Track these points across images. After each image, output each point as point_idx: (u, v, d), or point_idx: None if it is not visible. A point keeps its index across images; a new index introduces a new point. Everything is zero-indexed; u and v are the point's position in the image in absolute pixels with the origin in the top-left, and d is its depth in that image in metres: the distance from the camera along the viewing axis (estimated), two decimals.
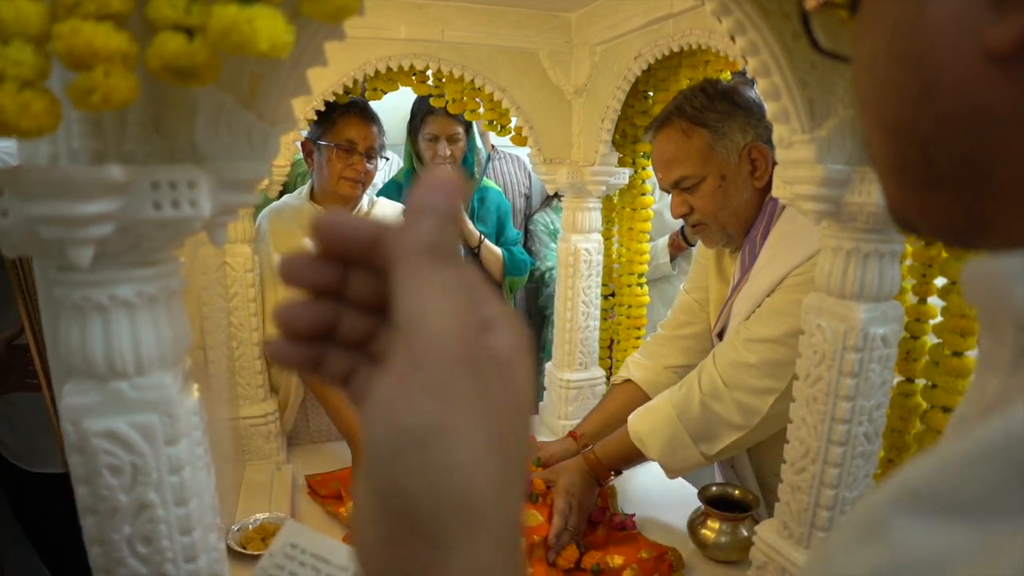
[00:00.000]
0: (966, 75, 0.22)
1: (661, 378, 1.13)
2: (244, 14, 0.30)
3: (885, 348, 0.68)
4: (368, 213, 1.36)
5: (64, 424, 0.43)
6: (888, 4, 0.24)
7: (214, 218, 0.42)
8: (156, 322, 0.43)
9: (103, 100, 0.30)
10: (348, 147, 1.23)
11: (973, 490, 0.18)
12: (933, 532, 0.19)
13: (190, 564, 0.46)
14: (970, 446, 0.19)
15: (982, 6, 0.21)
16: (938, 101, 0.23)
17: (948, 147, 0.23)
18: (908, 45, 0.23)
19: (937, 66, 0.22)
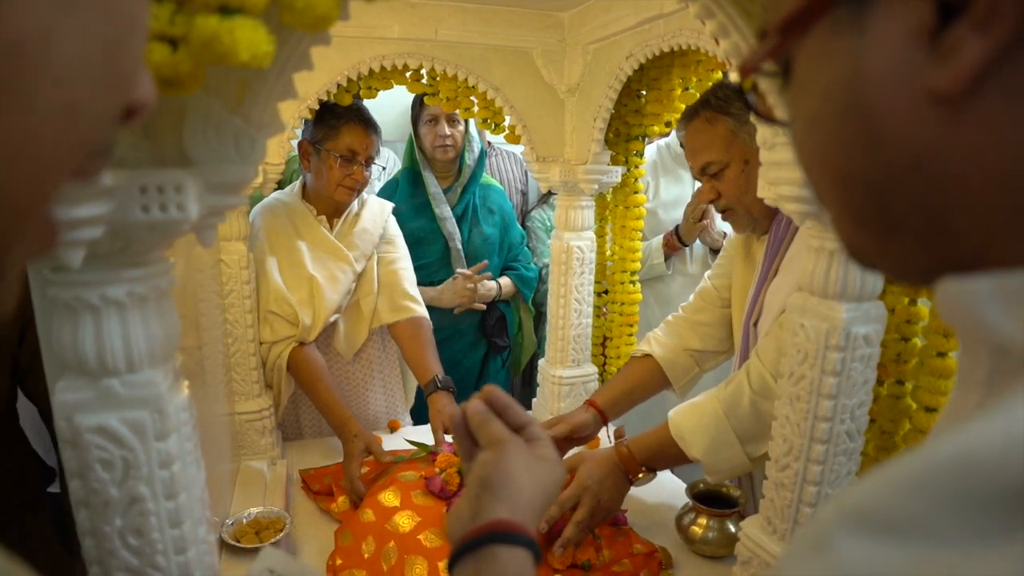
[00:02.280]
0: (911, 122, 0.22)
1: (680, 359, 1.14)
2: (225, 25, 0.31)
3: (867, 347, 0.69)
4: (359, 213, 1.36)
5: (57, 420, 0.44)
6: (822, 65, 0.24)
7: (202, 220, 0.43)
8: (146, 321, 0.44)
9: None
10: (350, 157, 1.23)
11: (908, 512, 0.19)
12: (872, 551, 0.19)
13: (180, 556, 0.47)
14: (911, 469, 0.20)
15: (920, 52, 0.21)
16: (886, 150, 0.23)
17: (901, 193, 0.24)
18: (849, 100, 0.24)
19: (881, 116, 0.23)
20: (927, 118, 0.22)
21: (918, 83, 0.22)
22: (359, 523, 0.92)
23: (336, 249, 1.31)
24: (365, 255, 1.34)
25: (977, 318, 0.22)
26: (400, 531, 0.88)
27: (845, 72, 0.24)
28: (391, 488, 0.96)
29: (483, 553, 0.41)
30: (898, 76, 0.22)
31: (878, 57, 0.22)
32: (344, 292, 1.31)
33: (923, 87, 0.21)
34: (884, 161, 0.24)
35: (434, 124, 1.61)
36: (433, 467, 1.02)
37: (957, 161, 0.22)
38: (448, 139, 1.61)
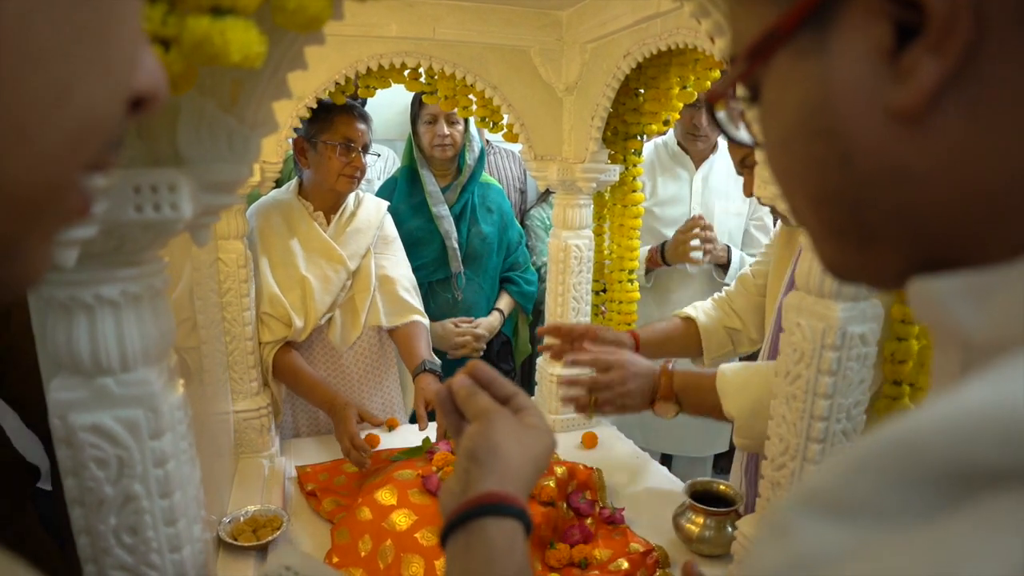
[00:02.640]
0: (879, 139, 0.23)
1: (718, 333, 1.17)
2: (216, 26, 0.31)
3: (864, 347, 0.69)
4: (354, 212, 1.38)
5: (52, 418, 0.44)
6: (789, 88, 0.25)
7: (196, 219, 0.44)
8: (140, 320, 0.44)
9: None
10: (347, 145, 1.26)
11: (857, 493, 0.20)
12: (826, 531, 0.20)
13: (175, 554, 0.47)
14: (858, 452, 0.20)
15: (882, 73, 0.22)
16: (857, 168, 0.24)
17: (876, 207, 0.25)
18: (820, 120, 0.24)
19: (851, 135, 0.24)
20: (892, 135, 0.23)
21: (881, 102, 0.22)
22: (356, 521, 0.92)
23: (330, 249, 1.32)
24: (359, 254, 1.35)
25: (947, 315, 0.23)
26: (397, 529, 0.88)
27: (812, 94, 0.24)
28: (388, 486, 0.96)
29: (473, 526, 0.42)
30: (862, 96, 0.23)
31: (842, 79, 0.23)
32: (337, 292, 1.32)
33: (886, 106, 0.22)
34: (856, 179, 0.24)
35: (433, 123, 1.61)
36: (430, 465, 1.02)
37: (925, 174, 0.23)
38: (447, 138, 1.61)
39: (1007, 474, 0.17)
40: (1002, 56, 0.20)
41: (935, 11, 0.20)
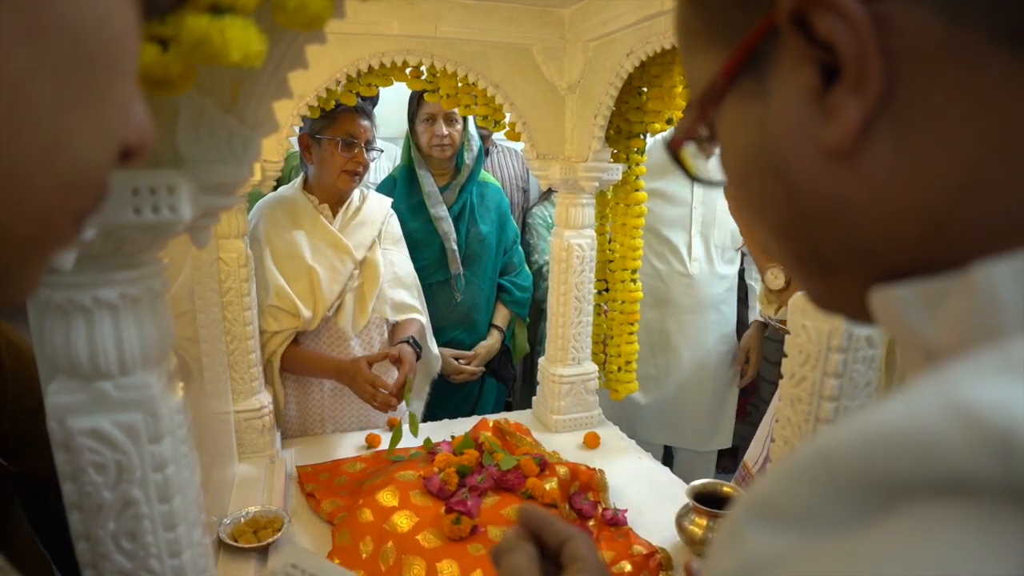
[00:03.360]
0: (816, 175, 0.24)
1: None
2: (215, 25, 0.31)
3: (870, 349, 0.68)
4: (360, 208, 1.40)
5: (50, 422, 0.44)
6: (738, 128, 0.27)
7: (196, 221, 0.43)
8: (139, 323, 0.44)
9: None
10: (350, 141, 1.29)
11: (794, 501, 0.20)
12: (771, 538, 0.20)
13: (174, 559, 0.47)
14: (795, 460, 0.21)
15: (812, 113, 0.24)
16: (802, 202, 0.25)
17: (827, 238, 0.26)
18: (765, 159, 0.26)
19: (792, 173, 0.25)
20: (828, 171, 0.24)
21: (814, 141, 0.24)
22: (357, 523, 0.92)
23: (336, 240, 1.34)
24: (364, 245, 1.38)
25: (904, 323, 0.24)
26: (398, 531, 0.88)
27: (757, 135, 0.26)
28: (389, 488, 0.96)
29: None
30: (799, 136, 0.25)
31: (780, 120, 0.25)
32: (344, 281, 1.35)
33: (818, 144, 0.24)
34: (803, 212, 0.26)
35: (431, 123, 1.59)
36: (432, 466, 1.02)
37: (864, 203, 0.24)
38: (445, 138, 1.59)
39: (919, 486, 0.18)
40: (925, 85, 0.21)
41: (846, 55, 0.22)
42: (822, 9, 0.22)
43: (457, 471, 0.98)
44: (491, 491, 0.98)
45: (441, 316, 1.65)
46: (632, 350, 1.40)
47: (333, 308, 1.34)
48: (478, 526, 0.88)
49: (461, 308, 1.69)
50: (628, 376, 1.41)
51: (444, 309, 1.66)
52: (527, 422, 1.35)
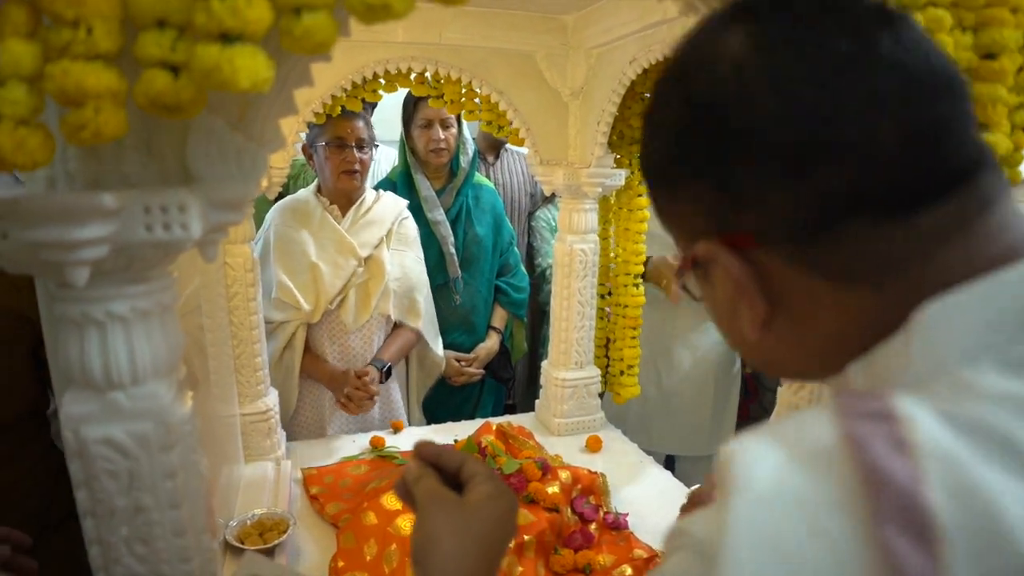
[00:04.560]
0: (751, 334, 0.35)
1: None
2: (226, 54, 0.32)
3: None
4: (371, 208, 1.46)
5: (64, 431, 0.45)
6: (705, 288, 0.38)
7: (205, 237, 0.44)
8: (150, 335, 0.45)
9: (94, 135, 0.32)
10: (340, 143, 1.35)
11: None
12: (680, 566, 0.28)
13: (184, 564, 0.48)
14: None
15: (738, 306, 0.36)
16: (750, 346, 0.38)
17: (780, 365, 0.39)
18: (723, 312, 0.37)
19: (741, 332, 0.36)
20: (759, 335, 0.35)
21: (740, 319, 0.36)
22: (361, 526, 0.93)
23: (341, 238, 1.41)
24: (371, 244, 1.44)
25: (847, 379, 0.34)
26: (402, 534, 0.89)
27: (714, 300, 0.38)
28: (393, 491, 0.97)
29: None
30: (735, 314, 0.36)
31: (723, 300, 0.36)
32: (347, 277, 1.41)
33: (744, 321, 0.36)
34: (755, 348, 0.38)
35: (428, 128, 1.60)
36: None
37: (782, 354, 0.37)
38: (442, 142, 1.60)
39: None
40: (792, 298, 0.34)
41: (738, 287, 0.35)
42: (713, 263, 0.35)
43: None
44: None
45: (440, 319, 1.66)
46: (634, 354, 1.41)
47: (336, 302, 1.41)
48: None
49: (460, 311, 1.70)
50: (630, 380, 1.42)
51: (443, 312, 1.67)
52: (530, 425, 1.36)
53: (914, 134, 0.30)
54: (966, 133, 0.32)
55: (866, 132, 0.30)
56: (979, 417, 0.24)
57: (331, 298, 1.39)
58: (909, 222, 0.30)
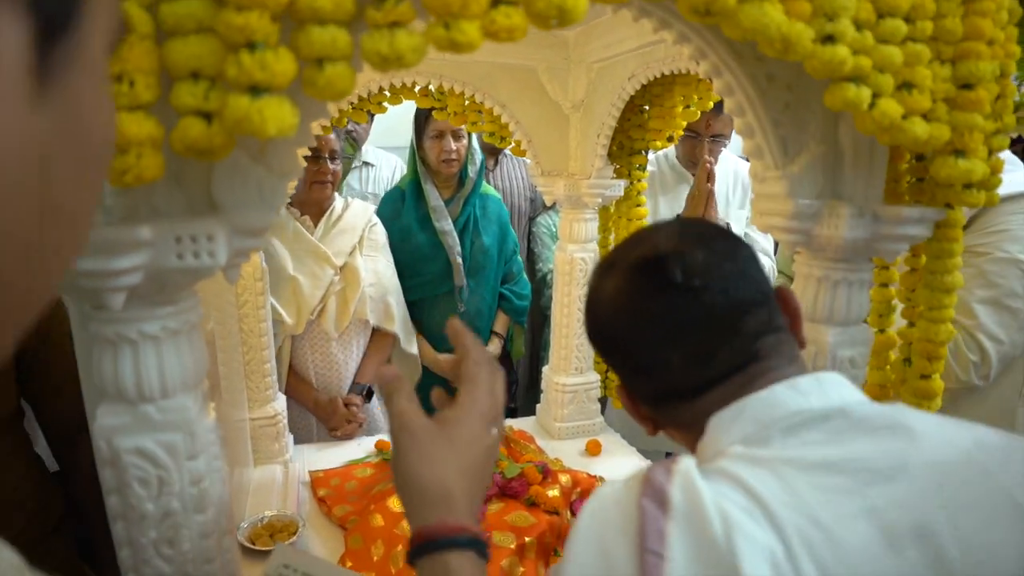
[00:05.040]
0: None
1: None
2: (255, 105, 0.35)
3: (853, 369, 0.72)
4: (342, 216, 1.50)
5: (98, 441, 0.49)
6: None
7: (229, 261, 0.48)
8: (178, 352, 0.48)
9: (136, 179, 0.35)
10: (316, 154, 1.39)
11: None
12: None
13: (208, 565, 0.52)
14: None
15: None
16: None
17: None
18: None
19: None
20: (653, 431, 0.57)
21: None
22: (369, 527, 0.96)
23: (316, 248, 1.45)
24: (345, 252, 1.48)
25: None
26: (408, 535, 0.92)
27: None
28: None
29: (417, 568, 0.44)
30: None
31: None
32: (325, 287, 1.45)
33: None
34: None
35: (439, 139, 1.64)
36: None
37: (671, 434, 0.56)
38: (453, 153, 1.64)
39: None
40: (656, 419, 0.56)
41: None
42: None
43: None
44: (496, 498, 1.03)
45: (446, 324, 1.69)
46: None
47: (316, 311, 1.45)
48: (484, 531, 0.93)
49: (464, 317, 1.74)
50: None
51: (447, 318, 1.71)
52: (531, 429, 1.39)
53: (692, 359, 0.48)
54: (739, 343, 0.47)
55: (664, 360, 0.48)
56: (718, 465, 0.43)
57: (312, 309, 1.43)
58: (699, 402, 0.48)
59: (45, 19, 0.17)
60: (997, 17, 0.61)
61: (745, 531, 0.36)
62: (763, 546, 0.35)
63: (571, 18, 0.40)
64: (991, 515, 0.37)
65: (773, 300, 0.51)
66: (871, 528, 0.36)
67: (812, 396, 0.44)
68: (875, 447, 0.40)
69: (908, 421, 0.42)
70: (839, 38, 0.51)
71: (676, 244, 0.48)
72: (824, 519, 0.37)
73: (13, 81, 0.16)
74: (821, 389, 0.45)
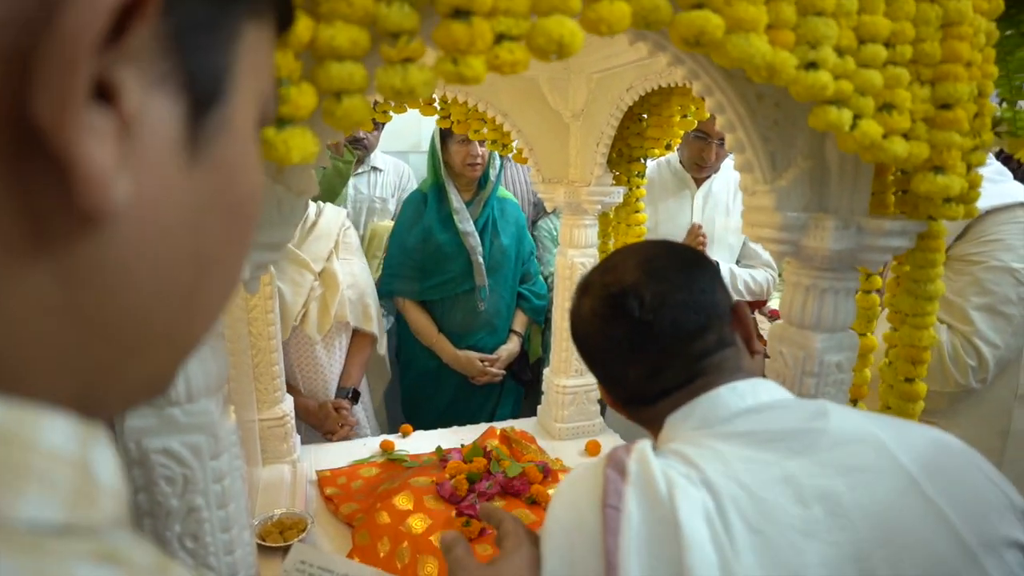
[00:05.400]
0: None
1: None
2: (280, 136, 0.39)
3: (839, 374, 0.76)
4: (316, 222, 1.55)
5: (127, 443, 0.52)
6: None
7: (251, 274, 0.51)
8: (203, 359, 0.52)
9: None
10: None
11: None
12: None
13: (228, 557, 0.55)
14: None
15: None
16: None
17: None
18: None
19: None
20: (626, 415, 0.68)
21: None
22: (375, 524, 1.00)
23: (295, 255, 1.50)
24: (322, 257, 1.54)
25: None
26: (413, 532, 0.96)
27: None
28: (404, 492, 1.04)
29: None
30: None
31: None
32: (306, 293, 1.51)
33: None
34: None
35: (466, 143, 1.69)
36: (443, 473, 1.10)
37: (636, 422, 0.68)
38: (478, 158, 1.71)
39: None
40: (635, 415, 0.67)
41: None
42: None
43: (467, 478, 1.06)
44: (498, 496, 1.06)
45: (466, 322, 1.76)
46: None
47: (299, 317, 1.50)
48: (486, 528, 0.96)
49: (484, 316, 1.79)
50: None
51: (469, 316, 1.76)
52: (532, 429, 1.43)
53: (647, 375, 0.59)
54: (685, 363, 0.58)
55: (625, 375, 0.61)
56: (669, 447, 0.53)
57: (295, 315, 1.48)
58: (656, 406, 0.59)
59: (196, 97, 0.19)
60: (975, 40, 0.64)
61: (684, 490, 0.46)
62: (698, 501, 0.45)
63: (569, 52, 0.43)
64: (880, 477, 0.47)
65: (724, 320, 0.61)
66: (786, 490, 0.46)
67: (748, 396, 0.55)
68: (794, 430, 0.51)
69: (825, 410, 0.53)
70: (821, 64, 0.54)
71: (636, 278, 0.59)
72: (748, 483, 0.46)
73: (169, 151, 0.19)
74: (755, 391, 0.56)
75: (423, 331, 1.78)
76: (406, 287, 1.76)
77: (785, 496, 0.46)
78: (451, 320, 1.77)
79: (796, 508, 0.45)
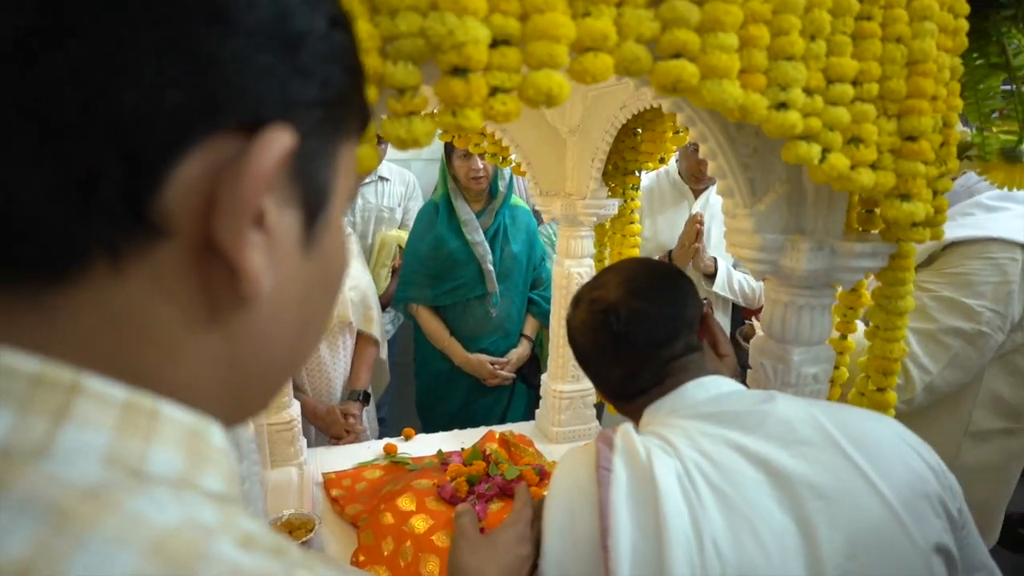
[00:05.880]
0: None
1: None
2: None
3: (816, 384, 0.80)
4: None
5: None
6: None
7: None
8: None
9: None
10: None
11: None
12: None
13: None
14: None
15: None
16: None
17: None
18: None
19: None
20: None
21: None
22: (379, 525, 1.05)
23: None
24: None
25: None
26: (415, 532, 1.01)
27: None
28: (407, 494, 1.09)
29: None
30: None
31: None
32: None
33: None
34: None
35: (468, 158, 1.75)
36: (445, 476, 1.15)
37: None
38: (481, 172, 1.76)
39: None
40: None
41: None
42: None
43: (467, 480, 1.11)
44: (496, 498, 1.11)
45: (478, 327, 1.82)
46: None
47: None
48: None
49: (495, 321, 1.85)
50: None
51: (481, 321, 1.82)
52: (529, 433, 1.47)
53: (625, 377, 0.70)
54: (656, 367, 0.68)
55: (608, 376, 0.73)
56: (647, 429, 0.64)
57: None
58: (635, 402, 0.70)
59: (310, 209, 0.26)
60: (939, 76, 0.69)
61: (659, 457, 0.57)
62: (670, 466, 0.57)
63: (557, 102, 0.48)
64: (816, 448, 0.57)
65: (693, 328, 0.71)
66: (740, 458, 0.57)
67: (711, 388, 0.66)
68: (746, 411, 0.61)
69: (773, 396, 0.63)
70: (791, 104, 0.59)
71: (617, 296, 0.69)
72: (710, 452, 0.58)
73: (293, 249, 0.26)
74: (717, 384, 0.66)
75: (435, 335, 1.83)
76: (419, 293, 1.82)
77: (739, 463, 0.57)
78: (463, 324, 1.83)
79: (748, 471, 0.56)
